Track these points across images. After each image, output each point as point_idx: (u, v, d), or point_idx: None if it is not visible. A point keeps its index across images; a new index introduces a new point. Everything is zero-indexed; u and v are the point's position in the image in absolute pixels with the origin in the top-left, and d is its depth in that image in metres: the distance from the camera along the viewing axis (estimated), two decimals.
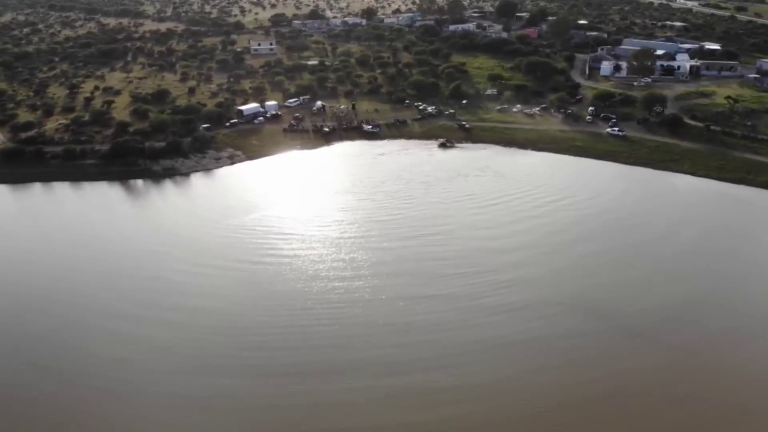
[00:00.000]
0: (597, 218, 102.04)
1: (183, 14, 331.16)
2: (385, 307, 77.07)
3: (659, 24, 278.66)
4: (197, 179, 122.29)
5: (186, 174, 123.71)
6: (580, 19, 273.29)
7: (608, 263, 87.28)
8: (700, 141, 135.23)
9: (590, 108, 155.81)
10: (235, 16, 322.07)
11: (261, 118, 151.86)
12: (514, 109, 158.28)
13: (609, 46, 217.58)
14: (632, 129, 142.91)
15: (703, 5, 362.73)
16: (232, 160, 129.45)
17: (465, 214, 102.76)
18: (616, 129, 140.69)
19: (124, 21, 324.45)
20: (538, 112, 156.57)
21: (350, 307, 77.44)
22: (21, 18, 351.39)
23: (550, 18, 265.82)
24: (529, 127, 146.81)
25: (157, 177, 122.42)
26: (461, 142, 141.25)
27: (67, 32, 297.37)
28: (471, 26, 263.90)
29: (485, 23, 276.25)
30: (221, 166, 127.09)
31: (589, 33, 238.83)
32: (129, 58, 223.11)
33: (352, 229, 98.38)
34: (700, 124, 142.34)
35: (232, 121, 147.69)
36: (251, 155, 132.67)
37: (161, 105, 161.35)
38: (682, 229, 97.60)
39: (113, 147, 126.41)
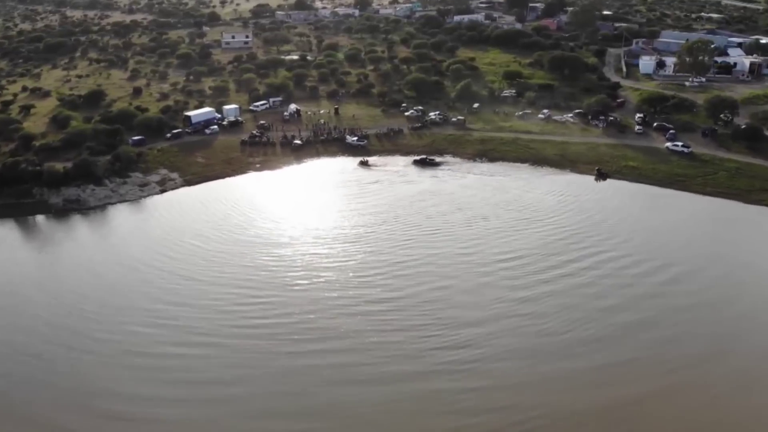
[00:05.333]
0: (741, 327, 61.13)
1: (156, 5, 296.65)
2: None
3: (693, 16, 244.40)
4: (111, 215, 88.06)
5: (98, 207, 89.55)
6: (603, 10, 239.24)
7: None
8: None
9: (638, 115, 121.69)
10: (214, 7, 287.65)
11: (215, 126, 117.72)
12: (540, 116, 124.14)
13: (644, 39, 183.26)
14: (698, 143, 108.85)
15: None
16: (163, 187, 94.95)
17: (499, 308, 63.05)
18: (679, 144, 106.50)
19: (90, 14, 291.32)
20: (571, 120, 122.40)
21: None
22: None
23: (569, 8, 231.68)
24: (562, 140, 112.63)
25: (56, 212, 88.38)
26: (474, 160, 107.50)
27: (25, 26, 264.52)
28: (479, 17, 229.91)
29: (495, 14, 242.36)
30: (146, 196, 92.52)
31: (617, 24, 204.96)
32: (78, 54, 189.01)
33: (304, 335, 59.51)
34: None
35: (174, 131, 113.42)
36: (191, 179, 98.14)
37: (93, 110, 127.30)
38: None
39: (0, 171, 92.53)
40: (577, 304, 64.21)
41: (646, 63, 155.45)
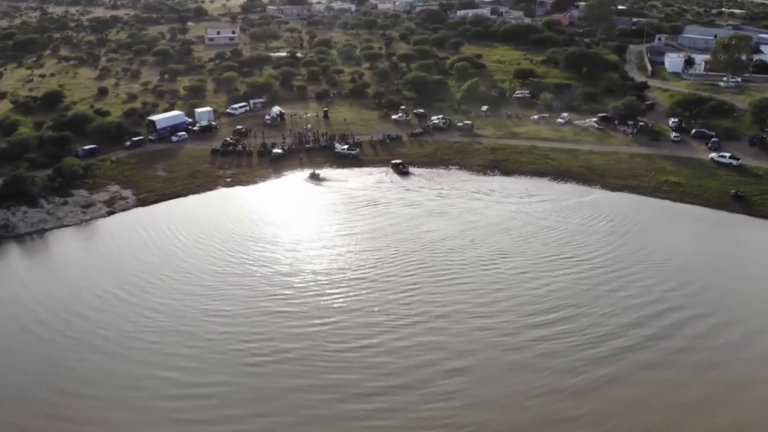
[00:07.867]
0: None
1: (140, 0, 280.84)
2: None
3: (714, 11, 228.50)
4: (39, 245, 71.73)
5: (32, 233, 73.57)
6: (619, 5, 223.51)
7: None
8: None
9: (672, 120, 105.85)
10: (202, 2, 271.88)
11: (183, 133, 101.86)
12: (560, 120, 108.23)
13: (668, 35, 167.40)
14: (745, 153, 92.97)
15: None
16: (112, 208, 78.70)
17: (539, 412, 45.01)
18: (726, 155, 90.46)
19: (72, 10, 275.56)
20: (595, 125, 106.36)
21: None
22: None
23: (580, 2, 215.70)
24: (588, 149, 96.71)
25: None
26: (486, 173, 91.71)
27: (2, 23, 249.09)
28: (484, 11, 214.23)
29: (501, 9, 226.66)
30: (90, 219, 76.30)
31: (635, 19, 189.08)
32: (48, 51, 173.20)
33: None
34: None
35: (135, 138, 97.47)
36: (146, 197, 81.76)
37: (49, 114, 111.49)
38: None
39: None
40: (671, 420, 44.17)
41: (674, 61, 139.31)
